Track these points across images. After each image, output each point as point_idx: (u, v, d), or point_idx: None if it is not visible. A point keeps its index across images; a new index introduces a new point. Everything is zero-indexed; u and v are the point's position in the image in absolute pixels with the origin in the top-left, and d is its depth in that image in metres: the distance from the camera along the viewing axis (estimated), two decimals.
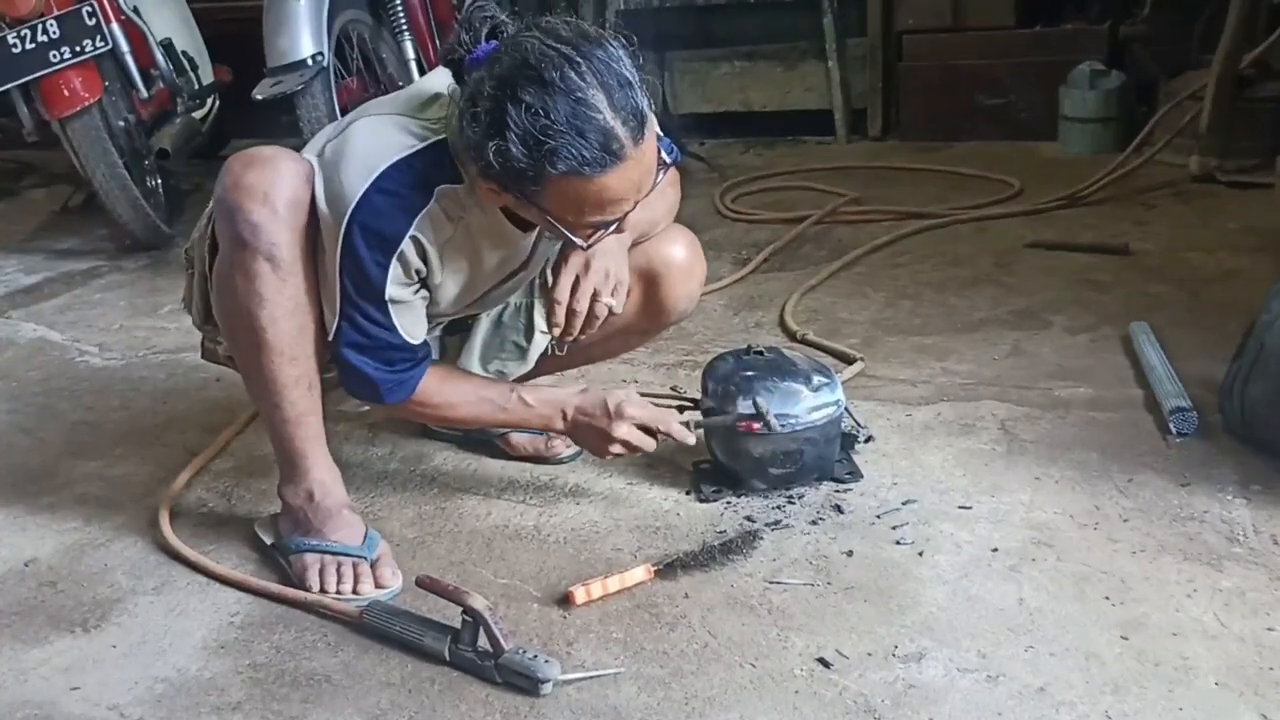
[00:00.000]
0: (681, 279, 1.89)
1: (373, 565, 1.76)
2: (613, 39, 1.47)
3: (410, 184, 1.58)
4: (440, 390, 1.79)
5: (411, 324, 1.69)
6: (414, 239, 1.60)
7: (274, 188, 1.61)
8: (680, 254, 1.88)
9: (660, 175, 1.57)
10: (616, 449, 1.83)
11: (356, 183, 1.56)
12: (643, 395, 1.99)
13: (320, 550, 1.76)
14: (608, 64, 1.43)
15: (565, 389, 1.89)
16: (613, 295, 1.76)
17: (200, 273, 1.79)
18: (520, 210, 1.58)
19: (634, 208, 1.54)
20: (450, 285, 1.71)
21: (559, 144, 1.41)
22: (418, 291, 1.68)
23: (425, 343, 1.75)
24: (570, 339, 1.79)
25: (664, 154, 1.61)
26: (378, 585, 1.74)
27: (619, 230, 1.58)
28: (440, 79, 1.62)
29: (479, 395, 1.83)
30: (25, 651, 1.67)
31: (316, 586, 1.74)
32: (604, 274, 1.73)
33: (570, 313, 1.74)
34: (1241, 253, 2.93)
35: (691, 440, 1.87)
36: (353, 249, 1.59)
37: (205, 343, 1.91)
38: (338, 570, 1.74)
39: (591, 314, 1.75)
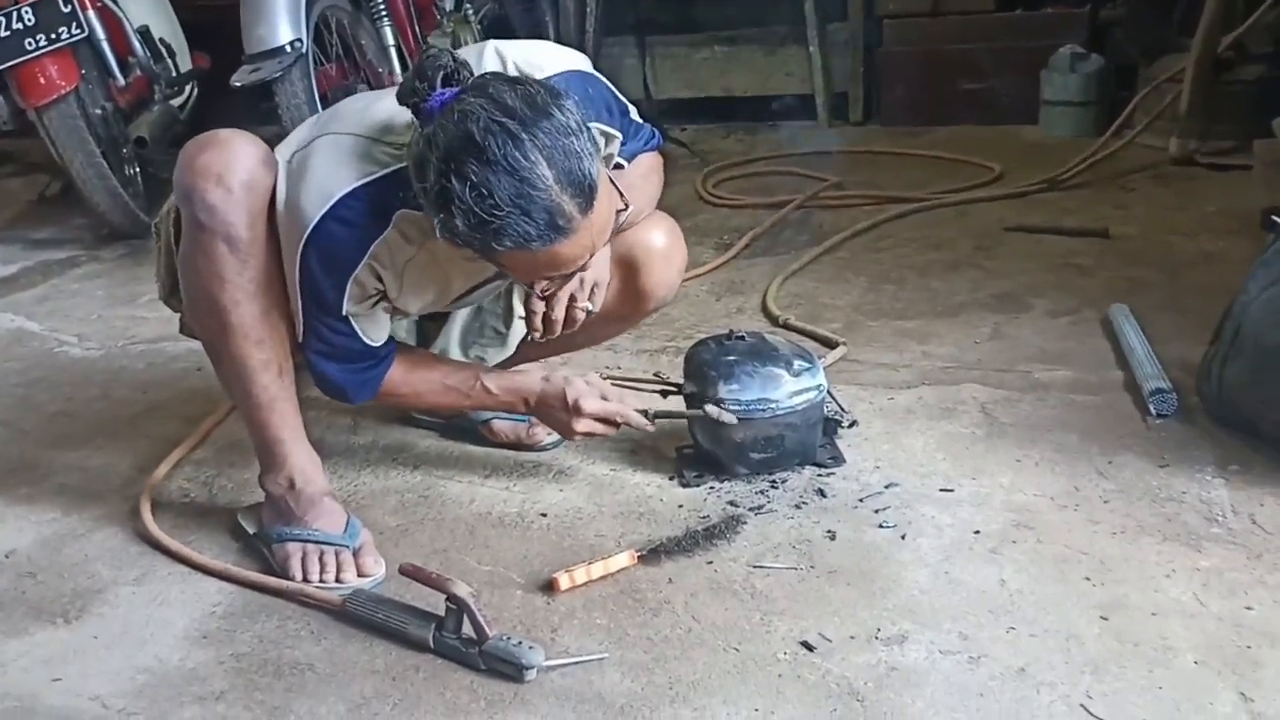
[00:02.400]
0: (661, 266, 1.89)
1: (355, 553, 1.76)
2: (562, 101, 1.43)
3: (366, 212, 1.57)
4: (407, 381, 1.82)
5: (374, 329, 1.72)
6: (369, 265, 1.61)
7: (228, 169, 1.60)
8: (660, 241, 1.88)
9: (621, 216, 1.57)
10: (579, 438, 1.88)
11: (312, 208, 1.56)
12: (624, 381, 1.99)
13: (302, 539, 1.76)
14: (553, 135, 1.40)
15: (529, 377, 1.89)
16: (590, 298, 1.76)
17: (165, 245, 1.79)
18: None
19: (590, 258, 1.53)
20: (414, 299, 1.72)
21: (504, 223, 1.40)
22: (377, 304, 1.69)
23: (389, 339, 1.78)
24: (551, 338, 1.80)
25: (622, 159, 1.64)
26: (360, 573, 1.73)
27: (581, 270, 1.58)
28: None
29: (444, 384, 1.85)
30: (5, 643, 1.66)
31: (299, 575, 1.73)
32: (578, 280, 1.73)
33: (547, 320, 1.75)
34: (1220, 235, 2.95)
35: (650, 428, 1.90)
36: (309, 272, 1.60)
37: (182, 318, 1.90)
38: (320, 559, 1.74)
39: (569, 318, 1.76)
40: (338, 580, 1.72)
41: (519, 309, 1.95)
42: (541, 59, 1.63)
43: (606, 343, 2.29)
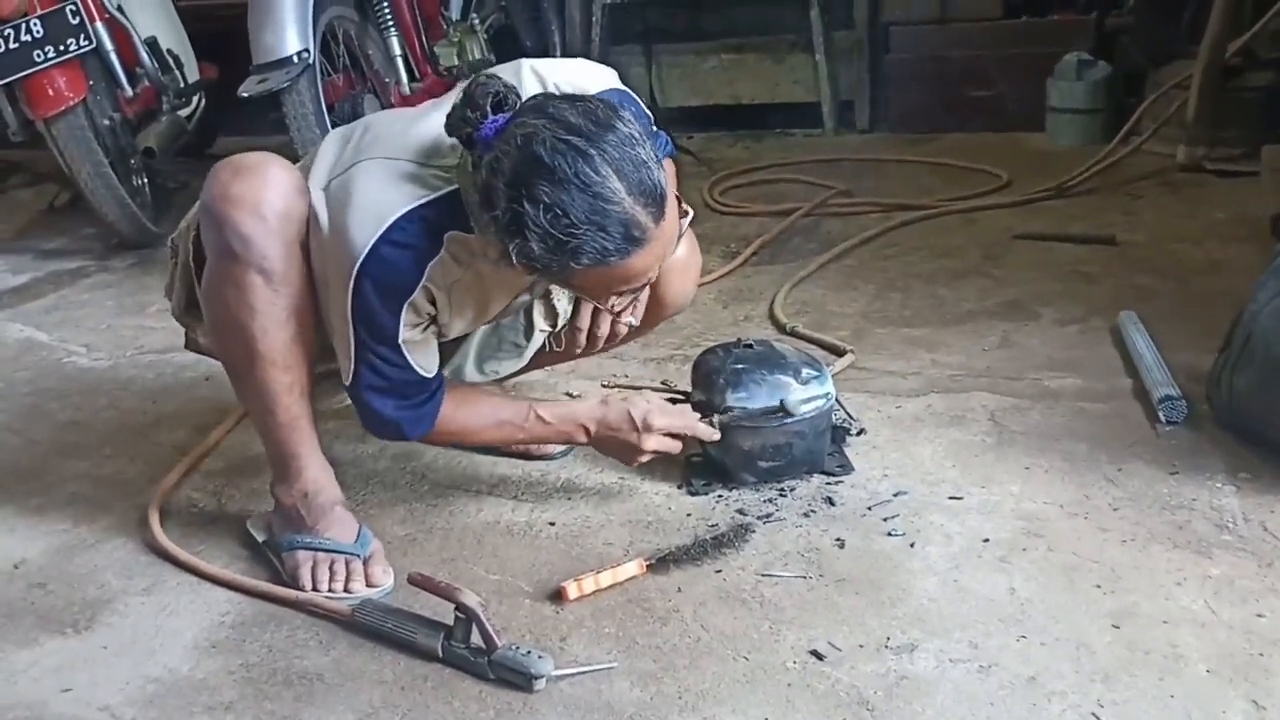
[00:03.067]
0: (679, 275, 1.88)
1: (365, 563, 1.76)
2: (621, 112, 1.42)
3: (421, 234, 1.54)
4: (456, 417, 1.78)
5: (424, 358, 1.68)
6: (424, 288, 1.58)
7: (263, 199, 1.59)
8: (679, 251, 1.88)
9: (684, 222, 1.56)
10: (645, 459, 1.85)
11: (364, 233, 1.53)
12: (631, 390, 1.98)
13: (314, 547, 1.76)
14: (620, 147, 1.39)
15: (584, 404, 1.87)
16: (631, 313, 1.75)
17: (183, 263, 1.78)
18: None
19: (658, 268, 1.53)
20: (458, 321, 1.69)
21: (581, 241, 1.39)
22: (427, 329, 1.66)
23: (440, 372, 1.74)
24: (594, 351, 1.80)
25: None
26: (369, 583, 1.73)
27: (650, 282, 1.58)
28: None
29: (497, 418, 1.82)
30: (15, 653, 1.67)
31: (309, 584, 1.73)
32: None
33: (592, 335, 1.74)
34: (1228, 242, 2.94)
35: (717, 436, 1.87)
36: (363, 300, 1.56)
37: (189, 334, 1.90)
38: (330, 567, 1.74)
39: (613, 334, 1.75)
40: (346, 590, 1.72)
41: (540, 323, 1.95)
42: (582, 79, 1.62)
43: (612, 351, 2.29)
